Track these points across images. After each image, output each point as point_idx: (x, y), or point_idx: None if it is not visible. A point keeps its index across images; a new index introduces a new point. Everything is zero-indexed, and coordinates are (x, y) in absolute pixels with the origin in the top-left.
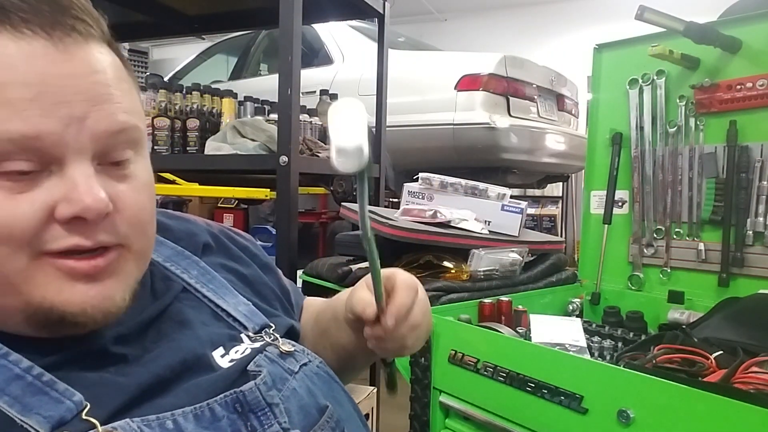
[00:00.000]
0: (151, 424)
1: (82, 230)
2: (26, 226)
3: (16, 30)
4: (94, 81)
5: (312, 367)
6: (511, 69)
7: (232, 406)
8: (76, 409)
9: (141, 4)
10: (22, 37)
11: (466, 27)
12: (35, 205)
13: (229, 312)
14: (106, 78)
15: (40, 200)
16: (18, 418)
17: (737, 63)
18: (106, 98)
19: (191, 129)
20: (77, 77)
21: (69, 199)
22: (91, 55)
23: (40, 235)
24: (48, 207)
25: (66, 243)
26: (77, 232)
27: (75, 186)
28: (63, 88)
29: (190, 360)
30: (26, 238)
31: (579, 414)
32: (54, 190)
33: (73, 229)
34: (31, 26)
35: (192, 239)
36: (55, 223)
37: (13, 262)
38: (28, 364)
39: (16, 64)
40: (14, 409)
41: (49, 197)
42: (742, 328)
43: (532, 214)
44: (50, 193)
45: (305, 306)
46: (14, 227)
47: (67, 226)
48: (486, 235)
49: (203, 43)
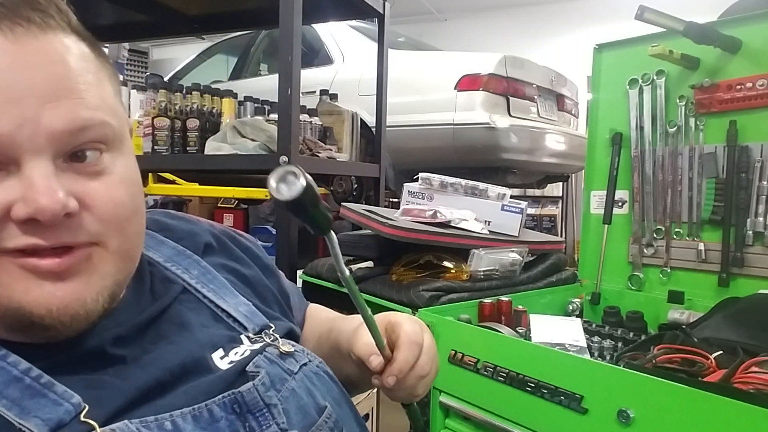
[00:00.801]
0: (149, 425)
1: (39, 231)
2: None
3: None
4: (50, 73)
5: (312, 367)
6: (511, 69)
7: (231, 407)
8: (74, 411)
9: (141, 4)
10: None
11: (466, 27)
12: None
13: (229, 312)
14: (66, 70)
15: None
16: (16, 421)
17: (737, 63)
18: (65, 93)
19: (191, 129)
20: (30, 69)
21: (25, 200)
22: (48, 45)
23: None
24: (4, 207)
25: (21, 242)
26: (34, 232)
27: (31, 186)
28: (15, 83)
29: (189, 364)
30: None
31: (579, 414)
32: (11, 190)
33: (29, 230)
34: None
35: (193, 239)
36: (11, 222)
37: None
38: (27, 366)
39: None
40: (12, 412)
41: (6, 197)
42: (742, 328)
43: (532, 214)
44: (7, 193)
45: (309, 315)
46: None
47: (23, 226)
48: (486, 235)
49: (203, 43)
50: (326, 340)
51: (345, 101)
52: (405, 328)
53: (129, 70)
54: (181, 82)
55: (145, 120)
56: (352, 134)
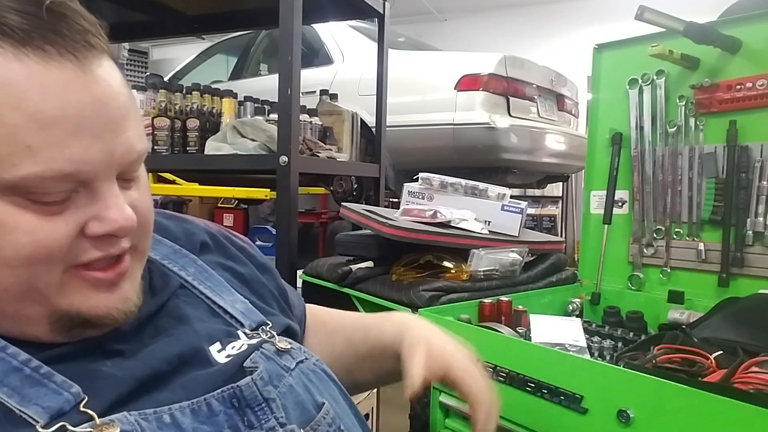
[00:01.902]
0: (148, 418)
1: (108, 243)
2: (63, 245)
3: (44, 53)
4: (117, 106)
5: (309, 365)
6: (511, 69)
7: (229, 401)
8: (74, 401)
9: (141, 4)
10: (51, 61)
11: (466, 27)
12: (69, 225)
13: (225, 309)
14: (124, 101)
15: (73, 219)
16: (17, 408)
17: (737, 63)
18: (126, 125)
19: (191, 129)
20: (106, 103)
21: (101, 219)
22: (109, 73)
23: (72, 250)
24: (80, 225)
25: (95, 255)
26: (104, 245)
27: (106, 207)
28: (97, 119)
29: (187, 354)
30: (62, 255)
31: (579, 414)
32: (85, 209)
33: (100, 244)
34: (58, 48)
35: (189, 238)
36: (83, 237)
37: (47, 277)
38: (26, 357)
39: (53, 94)
40: (13, 399)
41: (81, 216)
42: (742, 328)
43: (532, 214)
44: (82, 212)
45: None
46: (53, 247)
47: (95, 241)
48: (486, 235)
49: (203, 43)
50: (364, 341)
51: (345, 101)
52: (473, 389)
53: (129, 70)
54: (181, 82)
55: (145, 120)
56: (352, 134)
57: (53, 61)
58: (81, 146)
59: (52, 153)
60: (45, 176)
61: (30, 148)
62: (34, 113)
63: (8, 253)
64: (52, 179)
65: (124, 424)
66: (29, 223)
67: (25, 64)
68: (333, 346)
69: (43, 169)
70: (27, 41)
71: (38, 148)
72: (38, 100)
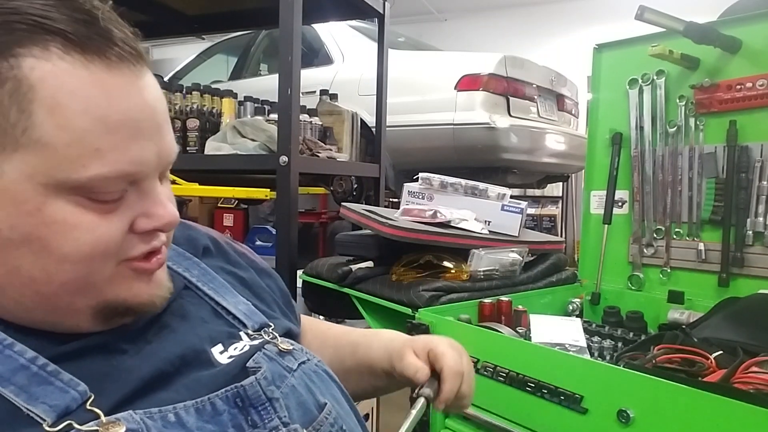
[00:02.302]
0: (153, 417)
1: (153, 237)
2: (118, 241)
3: (108, 59)
4: (162, 110)
5: (311, 366)
6: (511, 69)
7: (233, 401)
8: (81, 399)
9: (141, 4)
10: (112, 68)
11: (466, 27)
12: (123, 222)
13: (228, 310)
14: (164, 106)
15: (126, 217)
16: (24, 407)
17: (737, 63)
18: (167, 129)
19: (191, 129)
20: (155, 108)
21: (149, 215)
22: (152, 79)
23: (123, 246)
24: (130, 222)
25: (143, 249)
26: (150, 239)
27: (154, 203)
28: (149, 123)
29: (189, 355)
30: (117, 250)
31: (579, 414)
32: (134, 206)
33: (146, 238)
34: (117, 55)
35: (192, 243)
36: (132, 233)
37: (102, 271)
38: (33, 355)
39: (116, 99)
40: (20, 398)
41: (131, 213)
42: (742, 328)
43: (532, 214)
44: (132, 210)
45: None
46: (110, 243)
47: (143, 235)
48: (486, 235)
49: (203, 43)
50: (352, 356)
51: (345, 101)
52: (448, 361)
53: None
54: (181, 82)
55: None
56: (352, 134)
57: (114, 68)
58: (140, 148)
59: (117, 155)
60: (110, 176)
61: (98, 150)
62: (102, 117)
63: (70, 249)
64: (115, 179)
65: (129, 423)
66: (90, 221)
67: (90, 71)
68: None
69: (109, 170)
70: (90, 49)
71: (105, 150)
72: (105, 105)
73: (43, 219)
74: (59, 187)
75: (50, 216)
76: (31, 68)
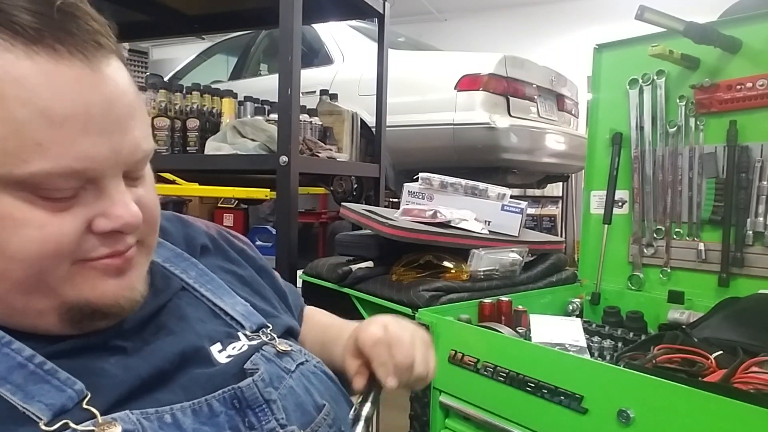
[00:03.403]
0: (150, 417)
1: (115, 239)
2: (71, 240)
3: (54, 51)
4: (124, 105)
5: (309, 367)
6: (511, 69)
7: (230, 402)
8: (77, 398)
9: (141, 4)
10: (61, 60)
11: (466, 27)
12: (77, 221)
13: (226, 311)
14: (131, 100)
15: (81, 216)
16: (20, 405)
17: (737, 63)
18: (133, 125)
19: (191, 129)
20: (113, 102)
21: (107, 215)
22: (117, 73)
23: (80, 246)
24: (86, 221)
25: (103, 251)
26: (111, 241)
27: (112, 203)
28: (104, 117)
29: (189, 352)
30: (71, 250)
31: (579, 414)
32: (92, 206)
33: (106, 240)
34: (68, 47)
35: (190, 242)
36: (90, 234)
37: (56, 271)
38: (30, 353)
39: (63, 92)
40: (16, 396)
41: (89, 212)
42: (742, 328)
43: (532, 214)
44: (89, 209)
45: (307, 316)
46: (61, 242)
47: (102, 237)
48: (486, 235)
49: (203, 43)
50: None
51: (345, 101)
52: (362, 336)
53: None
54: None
55: None
56: (352, 134)
57: (63, 59)
58: (89, 144)
59: (61, 150)
60: (54, 173)
61: (40, 144)
62: (44, 110)
63: (18, 247)
64: (60, 176)
65: (126, 423)
66: (38, 219)
67: (35, 62)
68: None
69: (52, 165)
70: (38, 40)
71: (48, 145)
72: (48, 98)
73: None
74: (2, 182)
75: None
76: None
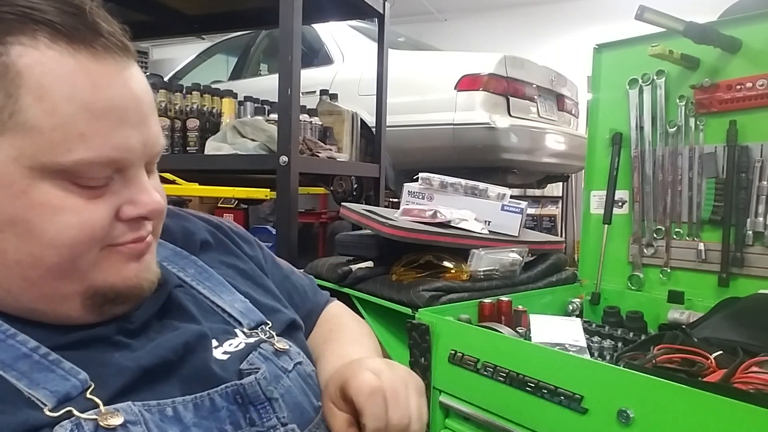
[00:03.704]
0: (151, 410)
1: (140, 225)
2: (104, 226)
3: (94, 49)
4: (148, 102)
5: (306, 368)
6: (511, 69)
7: (233, 398)
8: (81, 387)
9: (141, 4)
10: (99, 58)
11: (466, 27)
12: (108, 208)
13: (224, 308)
14: (150, 98)
15: (111, 203)
16: (25, 390)
17: (737, 63)
18: (153, 120)
19: (191, 129)
20: (140, 98)
21: (135, 202)
22: (139, 72)
23: (110, 232)
24: (116, 209)
25: (129, 237)
26: (136, 227)
27: (139, 191)
28: (135, 112)
29: (193, 341)
30: (103, 236)
31: (579, 414)
32: (121, 194)
33: (132, 226)
34: (103, 46)
35: (190, 238)
36: (118, 220)
37: (87, 256)
38: (35, 344)
39: (102, 88)
40: (22, 383)
41: (118, 200)
42: (742, 328)
43: (532, 214)
44: (118, 197)
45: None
46: (95, 228)
47: (129, 223)
48: (486, 235)
49: (203, 43)
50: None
51: (345, 101)
52: (354, 384)
53: None
54: (181, 82)
55: None
56: (352, 134)
57: (101, 58)
58: (125, 135)
59: (101, 141)
60: (94, 161)
61: (83, 135)
62: (87, 104)
63: (55, 233)
64: (99, 164)
65: (128, 414)
66: (75, 205)
67: (77, 60)
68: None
69: (93, 155)
70: (78, 39)
71: (90, 135)
72: (90, 93)
73: (29, 202)
74: (45, 170)
75: (36, 199)
76: (19, 55)
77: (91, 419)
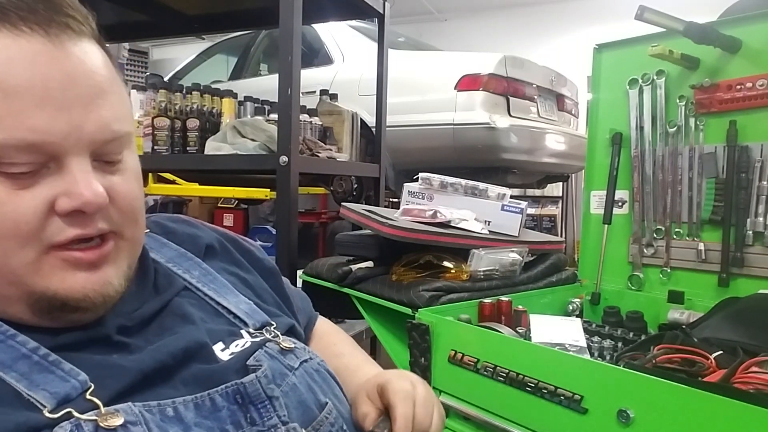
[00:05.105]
0: (152, 410)
1: (81, 221)
2: (30, 220)
3: (15, 28)
4: (90, 83)
5: (313, 365)
6: (511, 69)
7: (233, 397)
8: (81, 388)
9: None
10: (21, 35)
11: (466, 27)
12: (37, 200)
13: (229, 309)
14: (101, 80)
15: (41, 195)
16: (25, 392)
17: (737, 63)
18: (101, 103)
19: (191, 129)
20: (75, 78)
21: (69, 194)
22: (85, 53)
23: (44, 229)
24: (48, 201)
25: (70, 235)
26: (77, 223)
27: (74, 182)
28: (64, 92)
29: (193, 348)
30: (32, 231)
31: (579, 414)
32: (54, 185)
33: (73, 222)
34: (29, 24)
35: (195, 242)
36: (55, 216)
37: (20, 256)
38: (35, 345)
39: (19, 65)
40: (21, 384)
41: (50, 192)
42: (742, 328)
43: (532, 214)
44: (50, 188)
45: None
46: (19, 221)
47: (67, 218)
48: (486, 235)
49: (203, 43)
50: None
51: (345, 101)
52: (393, 386)
53: (129, 70)
54: (181, 82)
55: (145, 120)
56: (352, 134)
57: (23, 35)
58: (45, 117)
59: (14, 121)
60: (8, 144)
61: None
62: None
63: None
64: (15, 148)
65: (128, 415)
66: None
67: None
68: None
69: (4, 136)
70: (1, 18)
71: (1, 115)
72: (3, 71)
73: None
74: None
75: None
76: None
77: (91, 420)
